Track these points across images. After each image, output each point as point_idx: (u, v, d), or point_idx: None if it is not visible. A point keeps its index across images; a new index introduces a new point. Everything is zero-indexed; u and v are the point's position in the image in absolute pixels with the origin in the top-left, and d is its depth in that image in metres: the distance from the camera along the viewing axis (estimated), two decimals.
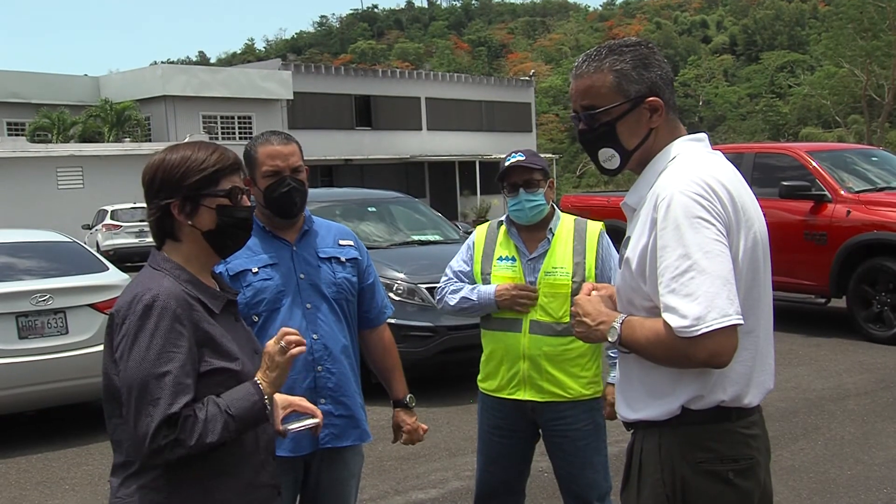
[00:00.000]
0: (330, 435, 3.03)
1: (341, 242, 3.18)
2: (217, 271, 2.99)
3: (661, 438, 2.12)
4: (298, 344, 2.16)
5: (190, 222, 2.17)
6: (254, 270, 2.99)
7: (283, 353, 2.14)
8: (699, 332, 1.91)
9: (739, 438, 2.11)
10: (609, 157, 2.22)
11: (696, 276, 1.93)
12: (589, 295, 2.26)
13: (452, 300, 3.60)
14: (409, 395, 3.33)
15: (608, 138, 2.19)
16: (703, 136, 2.23)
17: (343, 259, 3.14)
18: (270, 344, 2.16)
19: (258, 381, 2.13)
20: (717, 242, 1.97)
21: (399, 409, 3.32)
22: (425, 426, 3.37)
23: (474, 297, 3.52)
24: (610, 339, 2.13)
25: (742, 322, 1.96)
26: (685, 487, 2.08)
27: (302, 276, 3.04)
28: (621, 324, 2.10)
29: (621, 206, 2.30)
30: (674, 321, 1.94)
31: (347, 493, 3.19)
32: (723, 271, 1.95)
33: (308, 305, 3.02)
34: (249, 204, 2.24)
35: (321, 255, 3.11)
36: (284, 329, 2.18)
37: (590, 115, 2.19)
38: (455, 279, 3.63)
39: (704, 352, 1.94)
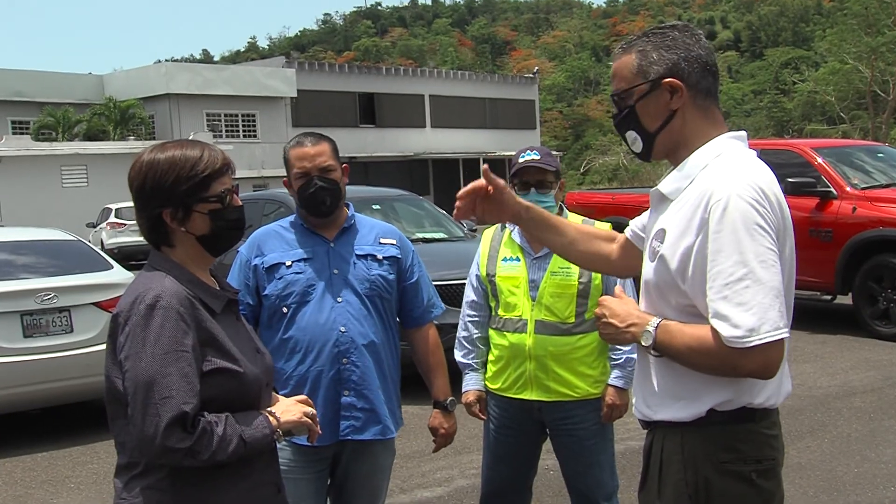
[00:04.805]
0: (351, 427, 3.07)
1: (382, 241, 3.23)
2: (253, 264, 3.06)
3: (683, 438, 2.08)
4: (313, 423, 2.24)
5: (183, 228, 2.16)
6: (287, 264, 3.08)
7: (304, 415, 2.22)
8: (752, 344, 1.88)
9: (763, 439, 2.08)
10: (633, 140, 2.20)
11: (752, 286, 1.89)
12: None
13: (457, 352, 3.63)
14: (450, 399, 3.33)
15: (631, 121, 2.17)
16: (742, 133, 2.18)
17: (380, 257, 3.18)
18: (305, 401, 2.28)
19: (274, 415, 2.16)
20: (771, 251, 1.93)
21: (438, 409, 3.33)
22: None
23: (463, 373, 3.63)
24: (643, 343, 2.08)
25: (789, 335, 1.93)
26: (708, 488, 2.05)
27: (335, 271, 3.11)
28: (656, 328, 2.05)
29: (650, 193, 2.22)
30: (725, 330, 1.90)
31: (375, 486, 3.23)
32: (776, 283, 1.91)
33: (339, 299, 3.07)
34: (240, 203, 2.23)
35: (358, 252, 3.16)
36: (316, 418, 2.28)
37: (617, 98, 2.19)
38: (474, 289, 3.61)
39: (753, 364, 1.91)
